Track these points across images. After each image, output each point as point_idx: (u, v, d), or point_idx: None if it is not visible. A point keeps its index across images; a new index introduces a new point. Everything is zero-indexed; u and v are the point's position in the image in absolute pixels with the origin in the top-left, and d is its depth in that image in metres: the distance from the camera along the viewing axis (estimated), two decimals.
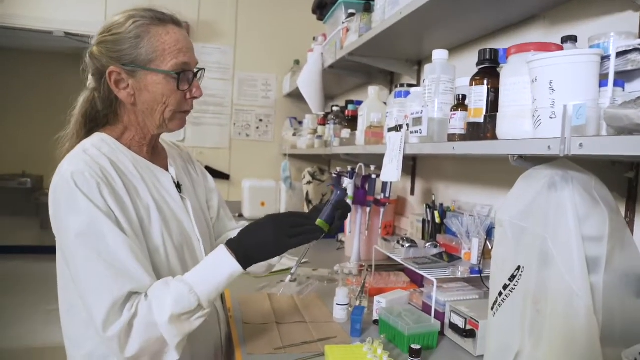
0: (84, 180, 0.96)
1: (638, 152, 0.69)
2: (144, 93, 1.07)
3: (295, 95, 3.59)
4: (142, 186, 1.08)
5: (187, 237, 1.16)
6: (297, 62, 3.64)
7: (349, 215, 1.21)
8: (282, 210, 3.48)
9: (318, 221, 1.11)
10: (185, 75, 1.09)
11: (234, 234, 1.39)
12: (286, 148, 3.56)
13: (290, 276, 1.17)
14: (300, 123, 3.60)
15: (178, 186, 1.20)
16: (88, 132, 1.12)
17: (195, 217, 1.20)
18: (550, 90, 0.83)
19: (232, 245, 1.04)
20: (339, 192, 1.18)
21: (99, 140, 1.09)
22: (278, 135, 3.93)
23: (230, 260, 1.01)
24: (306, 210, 3.12)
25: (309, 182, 3.11)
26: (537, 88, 0.87)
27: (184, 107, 1.12)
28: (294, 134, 3.49)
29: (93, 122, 1.14)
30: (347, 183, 1.23)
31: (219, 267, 1.02)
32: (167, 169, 1.20)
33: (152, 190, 1.10)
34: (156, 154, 1.21)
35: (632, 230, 1.12)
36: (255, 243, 1.04)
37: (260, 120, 3.92)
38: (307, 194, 3.12)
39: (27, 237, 6.07)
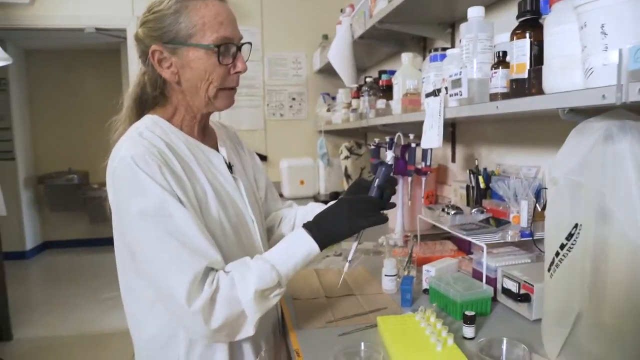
0: (146, 163, 0.96)
1: None
2: (187, 70, 1.06)
3: (327, 71, 3.55)
4: (197, 167, 1.08)
5: (242, 217, 1.16)
6: (325, 36, 3.58)
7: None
8: (322, 187, 3.48)
9: None
10: (228, 49, 1.06)
11: (282, 214, 1.41)
12: (321, 125, 3.54)
13: (348, 264, 1.16)
14: (334, 98, 3.57)
15: (230, 167, 1.19)
16: (139, 116, 1.12)
17: (248, 198, 1.19)
18: (602, 34, 0.78)
19: (309, 226, 1.06)
20: (384, 169, 1.14)
21: (152, 123, 1.08)
22: (312, 113, 3.91)
23: (308, 239, 1.03)
24: (346, 186, 3.10)
25: (346, 157, 3.08)
26: (587, 34, 0.81)
27: (228, 83, 1.10)
28: (328, 110, 3.46)
29: (144, 105, 1.15)
30: (390, 157, 1.20)
31: (298, 246, 1.04)
32: (217, 150, 1.20)
33: (205, 171, 1.10)
34: (207, 135, 1.21)
35: None
36: (332, 224, 1.06)
37: (293, 99, 3.91)
38: (346, 169, 3.09)
39: (77, 231, 6.35)
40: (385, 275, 1.39)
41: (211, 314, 0.93)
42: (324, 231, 1.05)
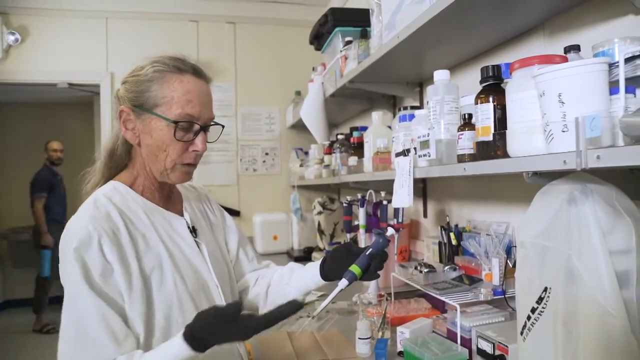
0: (84, 235, 0.96)
1: None
2: (147, 137, 1.07)
3: (299, 126, 3.60)
4: (153, 234, 1.07)
5: (204, 283, 1.13)
6: (298, 93, 3.66)
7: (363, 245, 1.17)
8: (295, 242, 3.45)
9: (352, 267, 1.08)
10: (190, 127, 1.07)
11: (258, 274, 1.35)
12: (294, 179, 3.56)
13: (310, 318, 1.11)
14: (306, 153, 3.60)
15: (193, 231, 1.18)
16: (110, 169, 1.14)
17: (212, 262, 1.17)
18: (559, 103, 0.81)
19: (185, 330, 0.93)
20: (380, 241, 1.12)
21: (111, 189, 1.09)
22: (285, 168, 3.93)
23: (178, 340, 0.92)
24: (320, 241, 3.08)
25: (319, 213, 3.08)
26: (545, 102, 0.85)
27: (185, 159, 1.09)
28: (301, 165, 3.48)
29: (114, 161, 1.15)
30: (390, 232, 1.19)
31: (169, 347, 0.93)
32: (182, 214, 1.19)
33: (163, 237, 1.09)
34: (171, 199, 1.20)
35: None
36: (204, 324, 0.92)
37: (266, 154, 3.93)
38: (319, 224, 3.08)
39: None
40: (359, 338, 1.36)
41: None
42: (195, 331, 0.91)
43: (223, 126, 1.17)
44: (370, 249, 1.10)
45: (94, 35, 3.61)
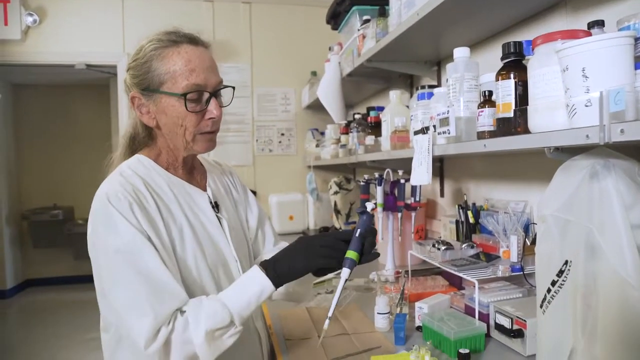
0: (118, 200, 0.98)
1: None
2: (162, 116, 1.08)
3: (315, 107, 3.60)
4: (176, 206, 1.09)
5: (223, 257, 1.15)
6: (314, 73, 3.65)
7: (380, 225, 1.17)
8: (311, 222, 3.48)
9: (348, 253, 1.06)
10: (199, 96, 1.07)
11: (267, 255, 1.38)
12: (310, 160, 3.57)
13: (327, 320, 1.04)
14: (322, 134, 3.61)
15: (216, 206, 1.20)
16: (132, 154, 1.16)
17: (232, 237, 1.19)
18: (583, 77, 0.81)
19: (264, 263, 1.05)
20: (365, 218, 1.12)
21: (136, 162, 1.11)
22: (301, 148, 3.95)
23: (260, 276, 1.02)
24: (336, 221, 3.11)
25: (335, 192, 3.10)
26: (568, 77, 0.85)
27: (202, 128, 1.10)
28: (317, 145, 3.49)
29: (136, 145, 1.18)
30: (370, 207, 1.18)
31: (250, 284, 1.02)
32: (205, 189, 1.21)
33: (186, 210, 1.11)
34: (194, 174, 1.22)
35: None
36: (286, 260, 1.04)
37: (282, 134, 3.95)
38: (335, 204, 3.11)
39: (61, 268, 6.22)
40: (378, 313, 1.38)
41: (167, 357, 0.93)
42: (280, 269, 1.02)
43: (234, 88, 1.16)
44: (359, 229, 1.08)
45: (110, 15, 3.64)
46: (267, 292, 1.01)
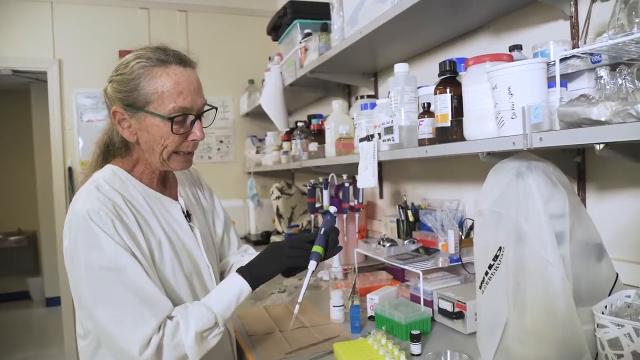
0: (99, 218, 1.00)
1: (585, 140, 0.86)
2: (144, 134, 1.09)
3: (254, 114, 3.68)
4: (153, 219, 1.13)
5: (197, 265, 1.21)
6: (251, 81, 3.73)
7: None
8: (253, 227, 3.55)
9: (314, 248, 1.18)
10: (184, 119, 1.09)
11: (234, 260, 1.43)
12: (250, 166, 3.64)
13: (298, 305, 1.17)
14: (261, 140, 3.69)
15: (188, 215, 1.24)
16: (105, 162, 1.17)
17: (204, 245, 1.24)
18: (509, 94, 0.98)
19: (240, 269, 1.15)
20: (328, 218, 1.24)
21: (111, 174, 1.12)
22: (240, 155, 4.00)
23: (239, 280, 1.12)
24: (278, 225, 3.21)
25: (277, 197, 3.20)
26: (497, 94, 1.02)
27: (183, 148, 1.12)
28: (257, 152, 3.57)
29: (109, 153, 1.18)
30: (334, 210, 1.32)
31: (230, 287, 1.12)
32: (177, 199, 1.24)
33: (162, 222, 1.15)
34: (167, 184, 1.25)
35: (585, 206, 1.29)
36: (259, 264, 1.16)
37: (221, 142, 3.98)
38: (277, 208, 3.20)
39: None
40: (334, 306, 1.51)
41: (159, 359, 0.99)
42: (255, 272, 1.13)
43: (216, 109, 1.19)
44: (323, 228, 1.22)
45: (39, 21, 3.49)
46: (245, 293, 1.11)
